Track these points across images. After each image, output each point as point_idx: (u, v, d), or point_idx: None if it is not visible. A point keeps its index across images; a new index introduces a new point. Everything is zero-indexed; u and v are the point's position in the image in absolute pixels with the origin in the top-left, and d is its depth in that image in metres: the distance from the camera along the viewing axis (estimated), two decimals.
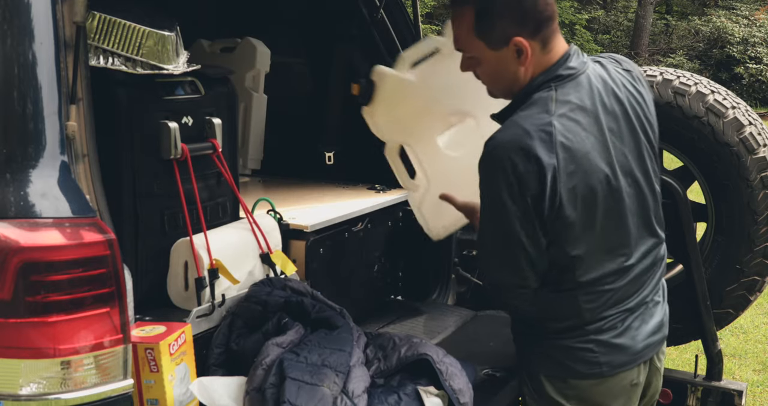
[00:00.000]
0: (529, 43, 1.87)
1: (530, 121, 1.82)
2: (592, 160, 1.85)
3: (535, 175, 1.78)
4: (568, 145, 1.81)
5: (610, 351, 1.95)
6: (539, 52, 1.90)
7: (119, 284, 1.59)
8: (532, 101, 1.87)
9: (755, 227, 2.73)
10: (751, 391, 4.36)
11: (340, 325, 2.13)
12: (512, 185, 1.79)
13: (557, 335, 1.97)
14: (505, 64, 1.91)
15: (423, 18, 16.70)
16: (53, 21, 1.61)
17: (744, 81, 18.26)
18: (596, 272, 1.92)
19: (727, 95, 2.80)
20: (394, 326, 3.01)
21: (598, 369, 1.95)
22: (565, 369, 1.97)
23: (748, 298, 2.86)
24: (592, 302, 1.93)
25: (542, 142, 1.78)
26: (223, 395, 1.86)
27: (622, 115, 1.94)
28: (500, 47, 1.89)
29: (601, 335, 1.95)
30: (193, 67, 2.20)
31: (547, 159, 1.77)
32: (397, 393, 2.02)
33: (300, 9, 3.52)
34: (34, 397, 1.52)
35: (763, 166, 2.70)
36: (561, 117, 1.82)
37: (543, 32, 1.88)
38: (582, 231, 1.87)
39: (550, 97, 1.86)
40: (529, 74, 1.92)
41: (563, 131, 1.81)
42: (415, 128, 2.49)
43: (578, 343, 1.95)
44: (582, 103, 1.87)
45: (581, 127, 1.85)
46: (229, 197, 2.39)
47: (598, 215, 1.88)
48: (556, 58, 1.92)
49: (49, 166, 1.57)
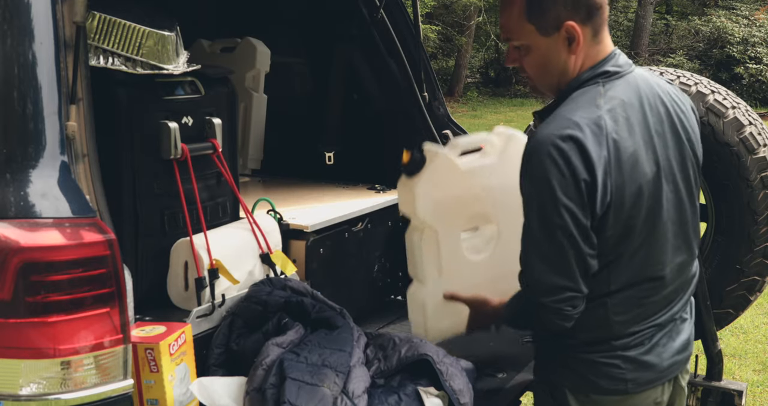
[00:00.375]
0: (581, 29, 1.81)
1: (579, 113, 1.76)
2: (639, 160, 1.79)
3: (586, 168, 1.71)
4: (618, 141, 1.75)
5: (636, 368, 1.90)
6: (589, 41, 1.84)
7: (119, 284, 1.59)
8: (578, 96, 1.82)
9: (755, 227, 2.73)
10: (751, 391, 4.36)
11: (340, 325, 2.13)
12: (564, 176, 1.71)
13: (583, 348, 1.90)
14: (556, 53, 1.84)
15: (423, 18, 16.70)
16: (53, 21, 1.61)
17: (744, 81, 18.25)
18: (629, 279, 1.85)
19: (727, 95, 2.80)
20: (394, 326, 3.01)
21: (623, 386, 1.89)
22: (588, 384, 1.91)
23: (748, 298, 2.86)
24: (622, 314, 1.87)
25: (593, 135, 1.72)
26: (223, 395, 1.86)
27: (667, 120, 1.89)
28: (551, 33, 1.83)
29: (629, 351, 1.89)
30: (193, 67, 2.20)
31: (598, 152, 1.71)
32: (398, 393, 2.02)
33: (300, 9, 3.52)
34: (34, 397, 1.52)
35: (763, 166, 2.70)
36: (610, 112, 1.77)
37: (594, 19, 1.83)
38: (622, 232, 1.81)
39: (598, 93, 1.81)
40: (578, 65, 1.86)
41: (613, 126, 1.75)
42: (446, 216, 2.43)
43: (604, 358, 1.89)
44: (630, 102, 1.82)
45: (629, 125, 1.79)
46: (229, 197, 2.39)
47: (640, 218, 1.82)
48: (605, 53, 1.87)
49: (49, 166, 1.57)
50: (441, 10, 19.31)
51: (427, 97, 3.26)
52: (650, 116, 1.86)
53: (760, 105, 17.52)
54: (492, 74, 21.95)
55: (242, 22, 3.59)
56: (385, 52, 3.26)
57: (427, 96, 3.26)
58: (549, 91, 1.94)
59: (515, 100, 19.94)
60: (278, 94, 3.43)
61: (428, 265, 2.50)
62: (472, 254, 2.57)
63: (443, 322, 2.52)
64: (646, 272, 1.88)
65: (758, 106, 17.10)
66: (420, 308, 2.49)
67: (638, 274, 1.87)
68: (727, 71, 18.73)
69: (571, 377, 1.93)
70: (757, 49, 18.56)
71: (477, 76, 22.16)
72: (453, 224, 2.48)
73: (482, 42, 20.57)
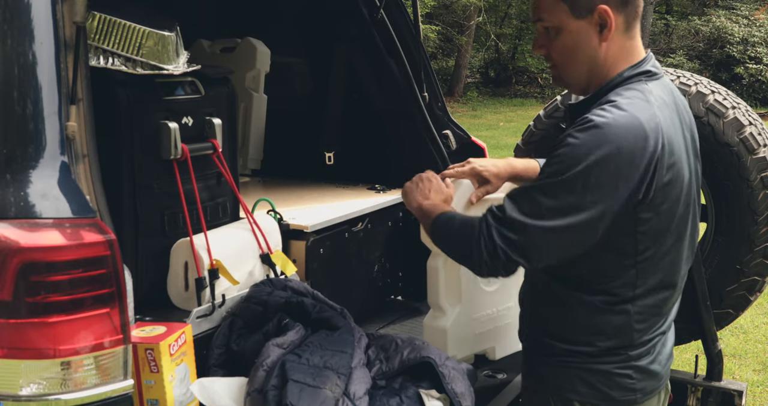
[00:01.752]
0: (614, 15, 1.77)
1: (636, 107, 1.71)
2: (681, 163, 1.77)
3: (642, 165, 1.68)
4: (670, 140, 1.73)
5: (645, 377, 1.89)
6: (622, 34, 1.80)
7: (119, 285, 1.59)
8: (623, 91, 1.77)
9: (755, 227, 2.73)
10: (751, 391, 4.36)
11: (340, 325, 2.13)
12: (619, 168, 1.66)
13: (600, 358, 1.87)
14: (587, 38, 1.79)
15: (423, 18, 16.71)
16: (53, 21, 1.61)
17: (744, 81, 18.27)
18: (654, 284, 1.83)
19: (727, 95, 2.80)
20: (394, 326, 3.01)
21: (632, 396, 1.88)
22: (600, 395, 1.88)
23: (748, 298, 2.85)
24: (642, 322, 1.85)
25: (653, 132, 1.69)
26: (223, 396, 1.86)
27: (690, 128, 1.89)
28: (584, 15, 1.78)
29: (640, 360, 1.88)
30: (193, 67, 2.20)
31: (653, 150, 1.69)
32: (399, 396, 2.02)
33: (300, 9, 3.52)
34: (34, 397, 1.52)
35: (763, 167, 2.70)
36: (660, 110, 1.74)
37: (628, 9, 1.79)
38: (656, 234, 1.78)
39: (645, 90, 1.77)
40: (609, 58, 1.81)
41: (664, 124, 1.73)
42: None
43: (619, 368, 1.87)
44: (669, 104, 1.81)
45: (674, 126, 1.78)
46: (229, 197, 2.39)
47: (674, 222, 1.80)
48: (641, 52, 1.84)
49: (49, 166, 1.57)
50: (441, 10, 19.32)
51: (427, 97, 3.26)
52: (683, 122, 1.85)
53: (760, 105, 17.53)
54: (492, 74, 21.97)
55: (242, 22, 3.59)
56: (385, 52, 3.26)
57: (427, 96, 3.26)
58: (574, 82, 1.89)
59: (515, 100, 19.95)
60: (278, 94, 3.44)
61: (449, 292, 2.55)
62: (485, 285, 2.63)
63: (463, 351, 2.56)
64: (667, 278, 1.86)
65: (758, 106, 17.12)
66: (439, 337, 2.52)
67: (662, 280, 1.85)
68: (727, 71, 18.75)
69: (581, 388, 1.89)
70: (757, 49, 18.58)
71: (477, 76, 22.18)
72: None
73: (482, 42, 20.59)
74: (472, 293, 2.57)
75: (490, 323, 2.65)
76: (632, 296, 1.83)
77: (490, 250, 1.75)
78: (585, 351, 1.88)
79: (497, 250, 1.74)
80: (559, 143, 1.74)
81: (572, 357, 1.89)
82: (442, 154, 3.23)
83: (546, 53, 1.88)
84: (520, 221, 1.72)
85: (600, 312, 1.84)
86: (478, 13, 18.86)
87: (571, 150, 1.70)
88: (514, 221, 1.73)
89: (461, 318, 2.55)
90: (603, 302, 1.83)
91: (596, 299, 1.84)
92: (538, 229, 1.71)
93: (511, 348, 2.72)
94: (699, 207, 1.95)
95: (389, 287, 3.15)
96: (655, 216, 1.75)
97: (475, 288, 2.58)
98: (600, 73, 1.83)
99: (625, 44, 1.82)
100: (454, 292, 2.55)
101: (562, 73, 1.89)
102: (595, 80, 1.84)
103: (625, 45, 1.82)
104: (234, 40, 3.33)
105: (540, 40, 1.87)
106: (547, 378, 1.96)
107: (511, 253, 1.74)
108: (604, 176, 1.67)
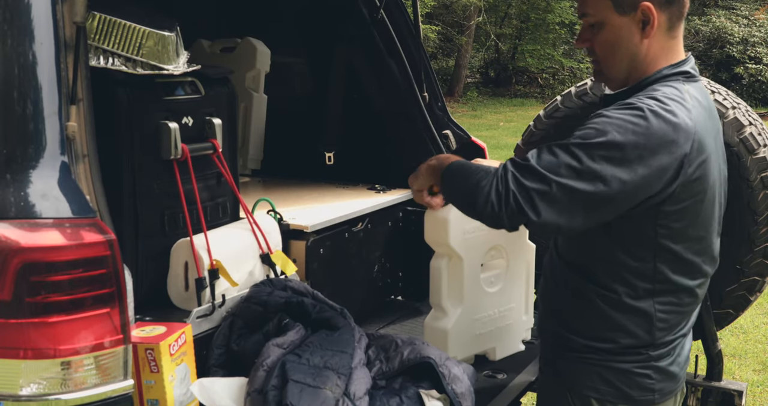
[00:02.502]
0: (657, 13, 1.80)
1: (672, 101, 1.74)
2: (710, 163, 1.79)
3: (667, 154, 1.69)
4: (700, 141, 1.74)
5: (664, 378, 1.90)
6: (664, 32, 1.83)
7: (119, 285, 1.58)
8: (660, 87, 1.80)
9: (755, 227, 2.73)
10: (751, 391, 4.36)
11: (341, 326, 2.13)
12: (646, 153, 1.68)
13: (621, 356, 1.88)
14: (629, 34, 1.82)
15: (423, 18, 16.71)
16: (53, 21, 1.61)
17: (744, 81, 18.27)
18: (674, 282, 1.84)
19: (727, 95, 2.80)
20: (394, 326, 3.01)
21: (651, 396, 1.89)
22: (619, 394, 1.89)
23: (748, 298, 2.86)
24: (664, 321, 1.86)
25: (685, 127, 1.71)
26: (223, 396, 1.86)
27: (719, 133, 1.91)
28: (628, 11, 1.81)
29: (660, 361, 1.89)
30: (194, 67, 2.20)
31: (684, 147, 1.70)
32: (399, 396, 2.02)
33: (300, 9, 3.52)
34: (34, 397, 1.51)
35: (763, 167, 2.70)
36: (694, 109, 1.77)
37: (672, 8, 1.81)
38: (676, 230, 1.79)
39: (682, 89, 1.80)
40: (651, 55, 1.84)
41: (697, 123, 1.75)
42: (471, 246, 2.50)
43: (639, 368, 1.88)
44: (704, 106, 1.82)
45: (706, 127, 1.79)
46: (229, 197, 2.39)
47: (697, 220, 1.81)
48: (682, 53, 1.86)
49: (49, 166, 1.57)
50: (441, 10, 19.33)
51: (427, 97, 3.26)
52: (715, 126, 1.86)
53: (760, 105, 17.53)
54: (492, 74, 21.97)
55: (242, 22, 3.59)
56: (385, 52, 3.25)
57: (427, 96, 3.26)
58: (614, 77, 1.91)
59: (515, 100, 19.95)
60: (278, 94, 3.43)
61: (452, 293, 2.55)
62: (487, 286, 2.63)
63: (463, 351, 2.57)
64: (688, 279, 1.87)
65: (758, 106, 17.12)
66: (440, 337, 2.52)
67: (681, 278, 1.86)
68: (727, 71, 18.75)
69: (600, 386, 1.90)
70: (757, 49, 18.58)
71: (477, 76, 22.18)
72: (476, 254, 2.55)
73: (482, 42, 20.59)
74: (474, 294, 2.57)
75: (491, 324, 2.66)
76: (651, 291, 1.83)
77: (501, 192, 1.74)
78: (605, 348, 1.88)
79: (509, 194, 1.73)
80: (596, 115, 1.76)
81: (592, 354, 1.90)
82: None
83: (590, 47, 1.91)
84: (539, 170, 1.71)
85: (621, 308, 1.85)
86: (478, 13, 18.87)
87: (604, 121, 1.72)
88: (534, 169, 1.72)
89: (463, 319, 2.55)
90: (623, 296, 1.84)
91: (616, 294, 1.84)
92: (554, 182, 1.70)
93: (511, 349, 2.73)
94: (722, 213, 1.94)
95: (389, 287, 3.15)
96: (678, 211, 1.76)
97: (477, 289, 2.59)
98: (639, 70, 1.86)
99: (667, 43, 1.85)
100: (456, 293, 2.55)
101: (604, 68, 1.92)
102: (634, 76, 1.87)
103: (667, 44, 1.85)
104: (234, 40, 3.33)
105: (584, 35, 1.91)
106: (565, 373, 1.96)
107: (522, 199, 1.72)
108: (629, 157, 1.68)
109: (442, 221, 2.44)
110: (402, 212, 3.12)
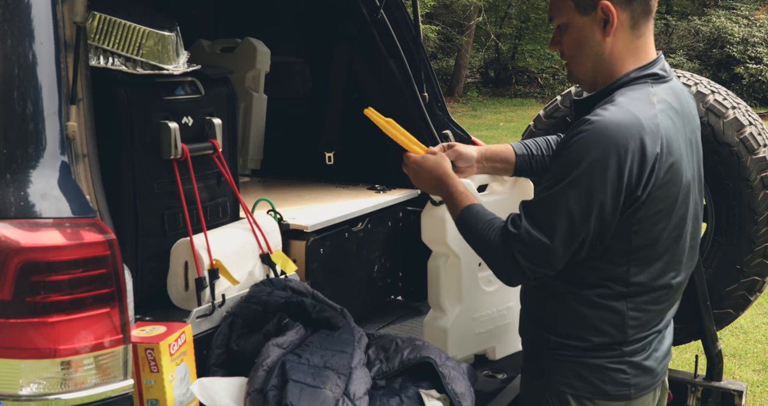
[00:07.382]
0: (617, 11, 1.82)
1: (637, 106, 1.76)
2: (681, 165, 1.80)
3: (640, 164, 1.72)
4: (669, 143, 1.76)
5: (639, 373, 1.90)
6: (628, 31, 1.84)
7: (119, 285, 1.59)
8: (628, 91, 1.81)
9: (755, 227, 2.73)
10: (751, 391, 4.36)
11: (341, 325, 2.13)
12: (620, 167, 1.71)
13: (594, 352, 1.89)
14: (591, 33, 1.85)
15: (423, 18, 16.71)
16: (53, 21, 1.61)
17: (744, 81, 18.26)
18: (648, 282, 1.85)
19: (727, 95, 2.80)
20: (394, 326, 3.01)
21: (626, 391, 1.90)
22: (594, 389, 1.90)
23: (748, 298, 2.85)
24: (636, 319, 1.87)
25: (651, 132, 1.73)
26: (223, 396, 1.86)
27: (696, 133, 1.92)
28: (588, 11, 1.84)
29: (635, 356, 1.90)
30: (194, 67, 2.20)
31: (652, 149, 1.72)
32: (399, 396, 2.02)
33: (300, 9, 3.52)
34: (34, 397, 1.52)
35: (763, 167, 2.70)
36: (662, 112, 1.78)
37: (634, 6, 1.83)
38: (650, 234, 1.81)
39: (650, 92, 1.81)
40: (615, 55, 1.85)
41: (666, 127, 1.76)
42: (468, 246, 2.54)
43: (612, 363, 1.89)
44: (674, 108, 1.83)
45: (676, 129, 1.81)
46: (229, 197, 2.39)
47: (670, 224, 1.83)
48: (651, 54, 1.87)
49: (49, 166, 1.57)
50: (441, 10, 19.33)
51: (427, 97, 3.26)
52: (687, 126, 1.87)
53: (760, 105, 17.53)
54: (492, 74, 21.96)
55: (242, 22, 3.59)
56: (385, 52, 3.26)
57: (427, 96, 3.26)
58: (582, 77, 1.94)
59: (515, 100, 19.95)
60: (278, 94, 3.44)
61: (450, 292, 2.56)
62: (485, 285, 2.64)
63: (463, 351, 2.57)
64: (664, 279, 1.88)
65: (758, 106, 17.11)
66: (439, 337, 2.52)
67: (656, 279, 1.86)
68: (727, 71, 18.75)
69: (576, 383, 1.91)
70: (757, 49, 18.57)
71: (477, 76, 22.17)
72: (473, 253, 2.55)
73: (482, 42, 20.58)
74: (472, 293, 2.58)
75: (490, 323, 2.66)
76: (625, 293, 1.85)
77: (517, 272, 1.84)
78: (579, 346, 1.90)
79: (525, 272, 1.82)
80: (563, 143, 1.80)
81: (565, 350, 1.91)
82: None
83: (561, 49, 1.95)
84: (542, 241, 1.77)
85: (594, 307, 1.86)
86: (478, 13, 18.86)
87: (569, 154, 1.77)
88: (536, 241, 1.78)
89: (462, 318, 2.55)
90: (596, 296, 1.86)
91: (589, 294, 1.86)
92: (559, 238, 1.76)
93: (511, 348, 2.73)
94: (701, 211, 1.97)
95: (389, 287, 3.15)
96: (651, 215, 1.78)
97: (475, 288, 2.59)
98: (605, 70, 1.87)
99: (632, 42, 1.85)
100: (454, 292, 2.55)
101: (571, 67, 1.96)
102: (601, 77, 1.89)
103: (632, 43, 1.85)
104: (234, 40, 3.33)
105: (555, 37, 1.95)
106: (541, 372, 1.98)
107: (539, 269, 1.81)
108: (599, 176, 1.72)
109: (440, 220, 2.44)
110: (402, 211, 3.13)
